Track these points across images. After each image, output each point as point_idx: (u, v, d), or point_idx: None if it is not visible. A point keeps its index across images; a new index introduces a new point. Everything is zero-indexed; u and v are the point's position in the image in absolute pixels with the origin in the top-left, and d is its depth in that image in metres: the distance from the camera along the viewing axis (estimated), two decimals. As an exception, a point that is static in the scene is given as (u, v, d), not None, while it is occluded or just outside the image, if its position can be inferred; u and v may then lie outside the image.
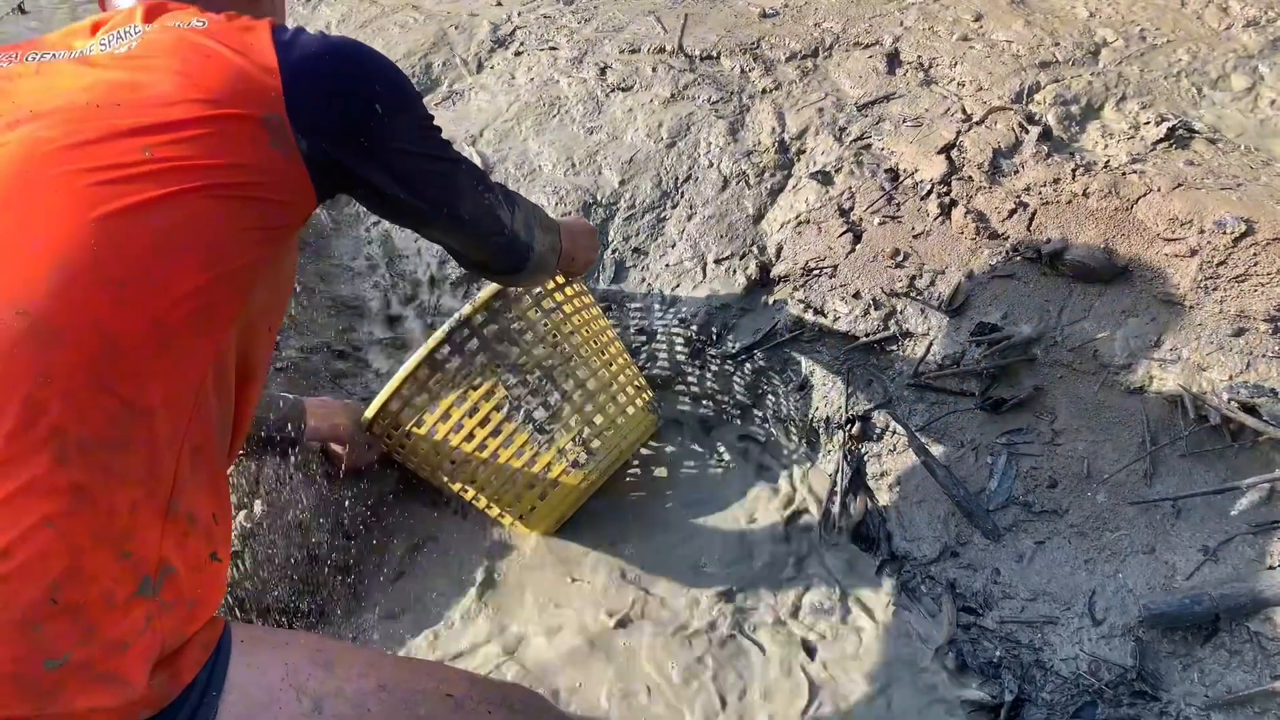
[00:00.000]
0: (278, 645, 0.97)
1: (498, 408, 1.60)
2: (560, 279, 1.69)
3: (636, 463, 1.85)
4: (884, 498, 1.71)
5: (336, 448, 1.72)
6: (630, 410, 1.72)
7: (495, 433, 1.61)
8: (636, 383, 1.78)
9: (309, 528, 1.66)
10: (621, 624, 1.63)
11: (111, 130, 0.89)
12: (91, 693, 0.77)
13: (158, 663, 0.85)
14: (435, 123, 1.13)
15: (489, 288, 1.60)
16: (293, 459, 1.66)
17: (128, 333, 0.84)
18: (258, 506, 1.60)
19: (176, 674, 0.87)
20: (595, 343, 1.72)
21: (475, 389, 1.59)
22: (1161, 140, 1.91)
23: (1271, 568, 1.39)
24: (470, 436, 1.60)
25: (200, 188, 0.90)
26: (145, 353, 0.85)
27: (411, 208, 1.13)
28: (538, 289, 1.65)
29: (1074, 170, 1.86)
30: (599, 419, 1.67)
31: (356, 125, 1.01)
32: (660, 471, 1.87)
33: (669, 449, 1.90)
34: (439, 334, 1.54)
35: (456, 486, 1.68)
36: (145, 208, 0.87)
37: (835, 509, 1.72)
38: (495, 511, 1.71)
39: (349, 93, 1.00)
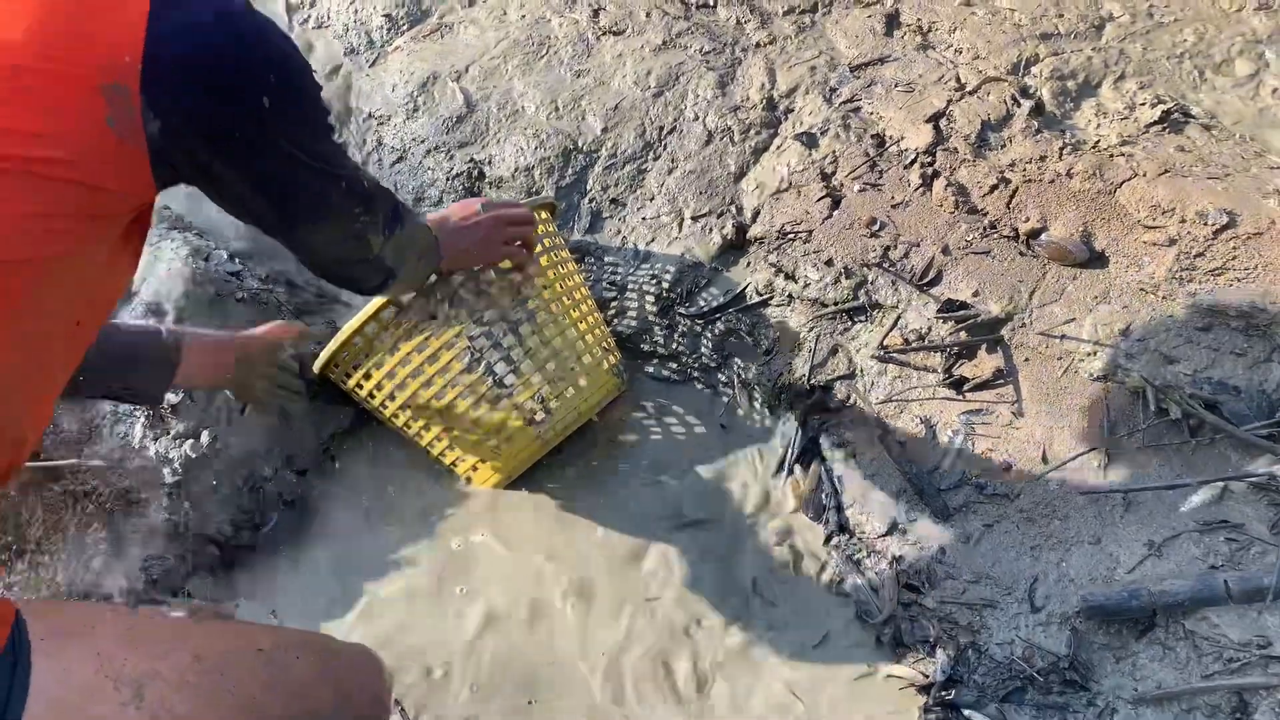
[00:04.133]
0: (83, 633, 0.88)
1: (458, 357, 1.57)
2: (540, 227, 1.65)
3: (596, 419, 1.82)
4: (838, 469, 1.69)
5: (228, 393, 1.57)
6: (595, 373, 1.69)
7: (454, 383, 1.58)
8: (604, 344, 1.75)
9: (257, 461, 1.64)
10: (569, 586, 1.63)
11: None
12: None
13: None
14: (331, 121, 0.98)
15: None
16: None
17: None
18: (205, 436, 1.58)
19: None
20: (566, 299, 1.68)
21: (437, 337, 1.56)
22: (1155, 123, 1.86)
23: (1214, 567, 1.37)
24: (429, 383, 1.58)
25: None
26: None
27: (265, 216, 1.00)
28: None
29: (1061, 149, 1.82)
30: (561, 378, 1.64)
31: (232, 117, 0.85)
32: (618, 430, 1.85)
33: (629, 406, 1.88)
34: None
35: (411, 431, 1.66)
36: None
37: (785, 477, 1.71)
38: (449, 460, 1.69)
39: (232, 77, 0.83)
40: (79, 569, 1.55)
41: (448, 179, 2.14)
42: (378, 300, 1.50)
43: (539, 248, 1.61)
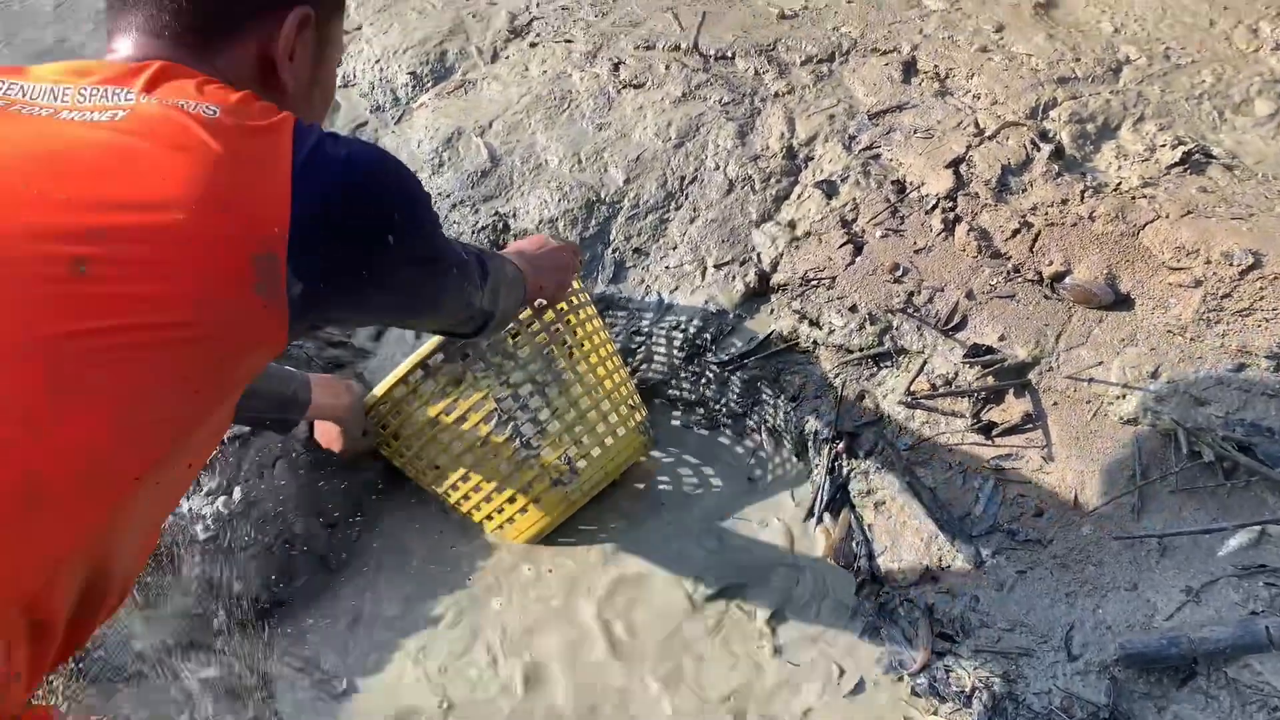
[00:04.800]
0: None
1: (486, 419, 1.58)
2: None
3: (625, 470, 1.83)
4: (868, 516, 1.69)
5: (331, 428, 1.64)
6: (621, 431, 1.70)
7: (481, 444, 1.59)
8: (631, 401, 1.75)
9: (288, 516, 1.66)
10: (596, 641, 1.62)
11: (36, 226, 0.71)
12: None
13: None
14: (437, 218, 1.01)
15: None
16: (283, 441, 1.66)
17: None
18: (237, 492, 1.60)
19: None
20: (594, 357, 1.68)
21: (465, 399, 1.57)
22: (1176, 164, 1.87)
23: (1255, 613, 1.35)
24: (456, 444, 1.59)
25: (139, 326, 0.73)
26: (7, 509, 0.69)
27: (390, 320, 1.15)
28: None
29: (1083, 192, 1.82)
30: (587, 439, 1.65)
31: (365, 259, 0.88)
32: (646, 479, 1.85)
33: (658, 455, 1.88)
34: (433, 340, 1.52)
35: (439, 490, 1.67)
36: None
37: (814, 525, 1.70)
38: (476, 519, 1.70)
39: (365, 226, 0.87)
40: (113, 628, 1.56)
41: (474, 232, 2.17)
42: (408, 363, 1.52)
43: (565, 305, 1.62)
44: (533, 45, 2.56)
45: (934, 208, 1.89)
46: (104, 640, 1.57)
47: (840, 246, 1.89)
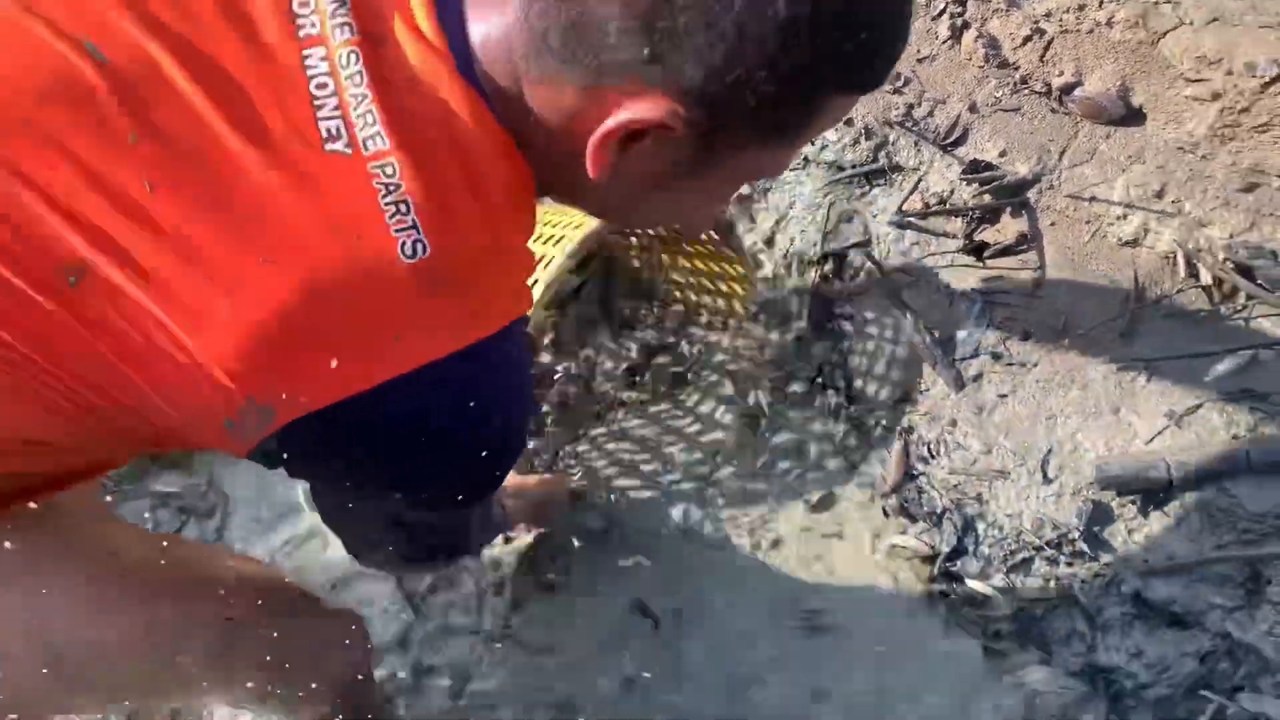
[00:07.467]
0: (45, 572, 0.76)
1: None
2: None
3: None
4: (850, 339, 1.64)
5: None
6: None
7: None
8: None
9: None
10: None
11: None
12: None
13: None
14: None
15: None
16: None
17: None
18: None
19: None
20: None
21: None
22: (1207, -33, 1.72)
23: (1235, 437, 1.32)
24: None
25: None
26: None
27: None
28: None
29: (1103, -5, 1.68)
30: None
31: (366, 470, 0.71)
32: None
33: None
34: None
35: None
36: None
37: (794, 344, 1.66)
38: None
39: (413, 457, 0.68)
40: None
41: None
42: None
43: None
44: None
45: (941, 12, 1.76)
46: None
47: (838, 55, 1.77)
